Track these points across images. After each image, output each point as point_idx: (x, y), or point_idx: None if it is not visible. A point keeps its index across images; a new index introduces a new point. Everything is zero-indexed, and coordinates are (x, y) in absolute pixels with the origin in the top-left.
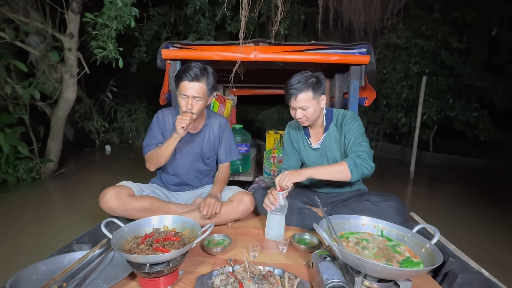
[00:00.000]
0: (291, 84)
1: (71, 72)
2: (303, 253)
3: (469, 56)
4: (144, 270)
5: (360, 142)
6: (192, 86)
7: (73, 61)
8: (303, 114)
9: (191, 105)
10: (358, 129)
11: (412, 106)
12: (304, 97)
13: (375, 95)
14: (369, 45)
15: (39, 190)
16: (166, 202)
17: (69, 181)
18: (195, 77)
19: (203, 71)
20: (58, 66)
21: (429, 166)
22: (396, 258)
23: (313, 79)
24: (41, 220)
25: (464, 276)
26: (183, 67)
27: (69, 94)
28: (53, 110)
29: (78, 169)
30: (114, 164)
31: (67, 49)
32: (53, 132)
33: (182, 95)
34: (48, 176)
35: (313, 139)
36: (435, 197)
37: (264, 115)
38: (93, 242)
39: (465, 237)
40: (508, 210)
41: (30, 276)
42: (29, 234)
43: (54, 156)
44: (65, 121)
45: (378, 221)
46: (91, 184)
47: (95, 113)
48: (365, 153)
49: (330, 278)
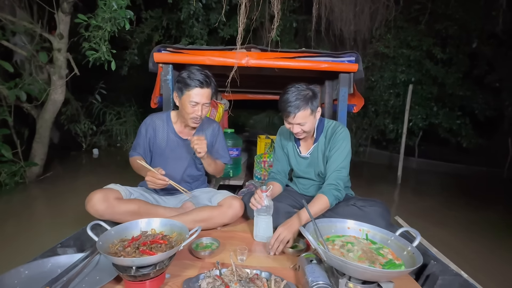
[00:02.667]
0: (289, 100)
1: (60, 73)
2: (291, 257)
3: (452, 66)
4: (130, 273)
5: (341, 169)
6: (203, 93)
7: (62, 62)
8: (301, 128)
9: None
10: (344, 151)
11: (399, 113)
12: (302, 115)
13: (363, 102)
14: (357, 54)
15: (23, 195)
16: (155, 206)
17: (55, 185)
18: (205, 83)
19: (208, 76)
20: (45, 67)
21: (415, 171)
22: (379, 260)
23: (309, 92)
24: (25, 226)
25: (444, 278)
26: (187, 74)
27: (57, 95)
28: (39, 112)
29: (65, 173)
30: (102, 168)
31: (56, 50)
32: (39, 134)
33: (193, 102)
34: (32, 180)
35: (302, 148)
36: (421, 201)
37: (255, 120)
38: (78, 246)
39: (447, 238)
40: (486, 213)
41: (12, 281)
42: (11, 241)
43: (39, 160)
44: (52, 123)
45: (363, 225)
46: (78, 189)
47: (83, 115)
48: (342, 182)
49: (315, 280)
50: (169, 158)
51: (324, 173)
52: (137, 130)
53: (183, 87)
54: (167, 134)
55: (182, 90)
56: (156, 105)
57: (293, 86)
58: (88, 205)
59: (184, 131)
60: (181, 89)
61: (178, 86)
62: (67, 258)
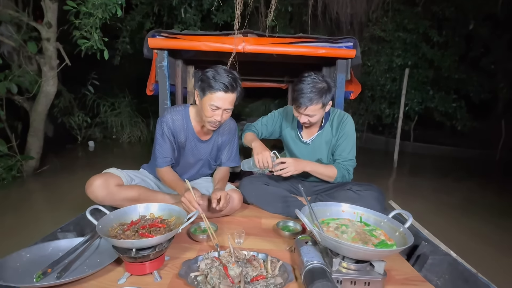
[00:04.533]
0: (303, 91)
1: (51, 64)
2: (287, 240)
3: (448, 49)
4: (130, 255)
5: (352, 158)
6: (226, 97)
7: (52, 52)
8: (308, 119)
9: (221, 117)
10: (352, 140)
11: (395, 97)
12: (313, 108)
13: (360, 88)
14: (355, 39)
15: (21, 188)
16: (155, 193)
17: (53, 178)
18: (230, 88)
19: (235, 79)
20: (35, 57)
21: (411, 155)
22: (372, 241)
23: (324, 86)
24: (25, 218)
25: (434, 257)
26: (212, 73)
27: (49, 87)
28: (31, 104)
29: (62, 166)
30: (99, 160)
31: (45, 40)
32: (33, 128)
33: (213, 106)
34: (30, 174)
35: (304, 133)
36: (416, 183)
37: (251, 108)
38: (78, 231)
39: (440, 219)
40: (480, 194)
41: (14, 263)
42: (12, 233)
43: (35, 153)
44: (45, 116)
45: (358, 208)
46: (77, 181)
47: (76, 107)
48: (352, 168)
49: (310, 260)
50: (186, 157)
51: (325, 161)
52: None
53: (206, 88)
54: (186, 134)
55: (205, 91)
56: (151, 92)
57: (309, 76)
58: (88, 190)
59: (202, 131)
60: (204, 89)
61: (201, 86)
62: (67, 242)
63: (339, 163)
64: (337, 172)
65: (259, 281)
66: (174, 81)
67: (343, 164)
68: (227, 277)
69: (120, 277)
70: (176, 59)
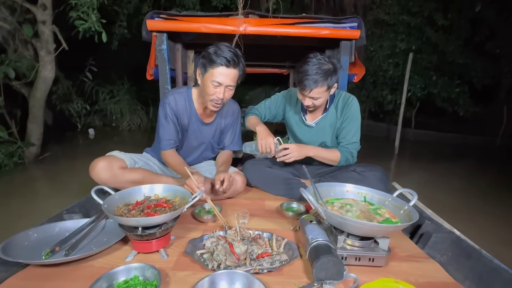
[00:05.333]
0: (308, 73)
1: (47, 48)
2: (291, 220)
3: (453, 33)
4: (136, 233)
5: (356, 141)
6: (228, 73)
7: (48, 36)
8: (313, 102)
9: (223, 95)
10: (357, 123)
11: (397, 83)
12: (318, 90)
13: (364, 71)
14: (360, 19)
15: (24, 175)
16: (158, 176)
17: (55, 165)
18: (232, 63)
19: (237, 55)
20: (31, 41)
21: (412, 142)
22: (377, 219)
23: (330, 67)
24: (29, 205)
25: (437, 235)
26: (213, 49)
27: (47, 72)
28: (29, 90)
29: (63, 153)
30: (100, 147)
31: (40, 22)
32: (32, 114)
33: (215, 82)
34: (31, 161)
35: (308, 116)
36: (417, 169)
37: (251, 95)
38: (84, 213)
39: (441, 202)
40: (479, 179)
41: (22, 242)
42: (17, 219)
43: (36, 140)
44: (44, 102)
45: (362, 188)
46: (79, 168)
47: (74, 95)
48: (355, 151)
49: (315, 237)
50: (189, 140)
51: (330, 144)
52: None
53: (207, 64)
54: (189, 116)
55: (206, 67)
56: (152, 76)
57: (315, 57)
58: (92, 172)
59: (205, 113)
60: (205, 65)
61: (202, 62)
62: (74, 223)
63: (342, 146)
64: (340, 155)
65: (264, 258)
66: (174, 66)
67: (347, 147)
68: (232, 254)
69: (128, 255)
70: (175, 43)
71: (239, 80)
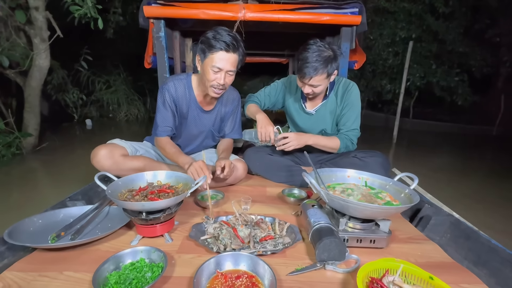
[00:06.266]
0: (308, 60)
1: (41, 36)
2: (292, 205)
3: (453, 21)
4: (141, 217)
5: (356, 128)
6: (228, 57)
7: (42, 23)
8: (312, 90)
9: (224, 80)
10: (357, 110)
11: (396, 73)
12: (318, 78)
13: (365, 58)
14: (361, 4)
15: (22, 165)
16: (160, 164)
17: (54, 156)
18: (232, 47)
19: (236, 39)
20: (25, 29)
21: (410, 131)
22: (378, 202)
23: (330, 54)
24: (29, 194)
25: (437, 218)
26: (212, 34)
27: (42, 60)
28: (24, 79)
29: (61, 144)
30: (98, 138)
31: (33, 9)
32: (28, 103)
33: (215, 68)
34: (29, 151)
35: (308, 103)
36: (415, 157)
37: (249, 86)
38: (87, 200)
39: (439, 188)
40: (476, 167)
41: (27, 228)
42: (18, 208)
43: (33, 130)
44: (40, 91)
45: (363, 173)
46: (78, 158)
47: (70, 84)
48: (355, 138)
49: (317, 220)
50: (188, 128)
51: (330, 131)
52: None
53: (206, 49)
54: (188, 103)
55: (205, 52)
56: (150, 65)
57: (315, 44)
58: (93, 160)
59: (205, 100)
60: (204, 51)
61: (201, 48)
62: (78, 210)
63: (342, 133)
64: (340, 143)
65: (267, 241)
66: (172, 54)
67: (347, 134)
68: (237, 237)
69: (133, 239)
70: (173, 31)
71: (239, 65)
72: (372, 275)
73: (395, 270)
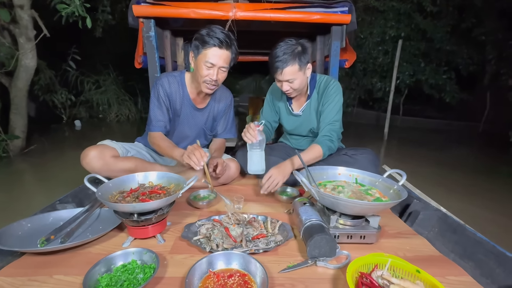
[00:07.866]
0: (277, 55)
1: (27, 35)
2: (285, 204)
3: (441, 19)
4: (132, 218)
5: (334, 122)
6: (221, 54)
7: (27, 21)
8: (290, 86)
9: (217, 76)
10: (336, 104)
11: (386, 71)
12: (290, 70)
13: (355, 56)
14: (350, 3)
15: (10, 168)
16: (152, 164)
17: (42, 158)
18: (225, 44)
19: (229, 37)
20: (9, 28)
21: (400, 128)
22: (367, 199)
23: (298, 47)
24: (17, 198)
25: (425, 213)
26: (206, 31)
27: (28, 60)
28: (10, 80)
29: (49, 146)
30: (88, 139)
31: (17, 7)
32: (14, 105)
33: (208, 63)
34: (17, 154)
35: (295, 105)
36: (405, 153)
37: (241, 85)
38: (77, 203)
39: (427, 182)
40: (460, 161)
41: (16, 232)
42: (5, 211)
43: (20, 132)
44: (27, 92)
45: (353, 170)
46: (67, 160)
47: (58, 85)
48: (335, 134)
49: (309, 218)
50: (181, 125)
51: (317, 129)
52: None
53: (200, 45)
54: (181, 100)
55: (199, 48)
56: (140, 65)
57: (283, 41)
58: (83, 161)
59: (198, 98)
60: (198, 47)
61: (194, 44)
62: (67, 213)
63: (320, 136)
64: (322, 148)
65: (260, 239)
66: (163, 54)
67: (325, 135)
68: (229, 237)
69: (124, 241)
70: (164, 30)
71: (232, 63)
72: (362, 270)
73: (383, 265)
